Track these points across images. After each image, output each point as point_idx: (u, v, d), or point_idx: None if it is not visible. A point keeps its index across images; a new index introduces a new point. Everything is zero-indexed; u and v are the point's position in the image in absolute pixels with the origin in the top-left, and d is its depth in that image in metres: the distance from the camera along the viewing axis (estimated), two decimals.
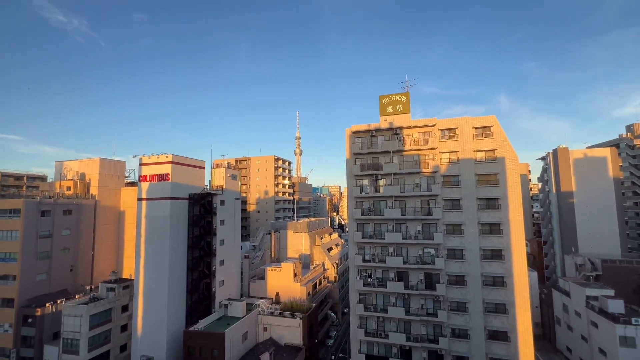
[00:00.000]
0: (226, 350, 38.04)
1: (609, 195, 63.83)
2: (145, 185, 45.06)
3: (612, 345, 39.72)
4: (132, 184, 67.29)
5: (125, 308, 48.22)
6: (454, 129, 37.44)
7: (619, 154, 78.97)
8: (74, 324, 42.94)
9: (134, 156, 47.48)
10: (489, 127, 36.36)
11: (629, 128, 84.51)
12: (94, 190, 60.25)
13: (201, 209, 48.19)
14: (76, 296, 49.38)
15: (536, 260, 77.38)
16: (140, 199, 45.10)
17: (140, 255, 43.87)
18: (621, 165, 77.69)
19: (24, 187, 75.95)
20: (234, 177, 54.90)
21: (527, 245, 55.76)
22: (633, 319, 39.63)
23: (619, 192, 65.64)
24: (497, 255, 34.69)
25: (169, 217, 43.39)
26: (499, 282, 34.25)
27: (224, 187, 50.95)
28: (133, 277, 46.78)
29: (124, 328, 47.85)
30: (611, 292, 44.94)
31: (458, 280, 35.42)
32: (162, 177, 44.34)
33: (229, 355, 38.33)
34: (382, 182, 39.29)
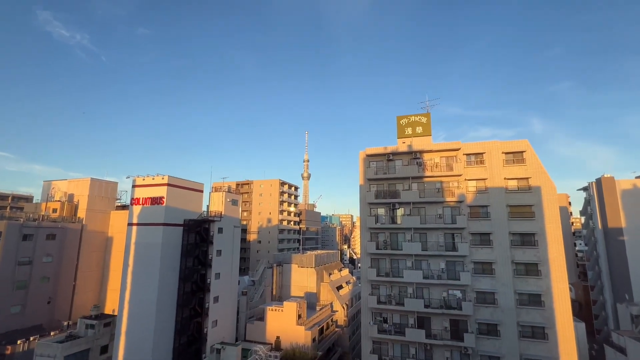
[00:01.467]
0: None
1: None
2: (137, 209, 45.68)
3: None
4: (124, 207, 68.44)
5: (104, 349, 47.20)
6: (481, 153, 37.35)
7: None
8: None
9: (128, 177, 48.77)
10: (521, 152, 36.16)
11: None
12: (81, 213, 61.42)
13: (196, 237, 48.18)
14: (52, 333, 48.80)
15: (583, 309, 73.33)
16: (130, 224, 45.56)
17: (127, 287, 43.55)
18: None
19: (8, 208, 78.03)
20: (235, 202, 55.28)
21: (570, 289, 53.17)
22: None
23: None
24: (535, 300, 33.11)
25: (161, 245, 43.42)
26: (539, 333, 32.38)
27: (222, 213, 51.20)
28: (116, 313, 46.17)
29: None
30: None
31: (490, 330, 33.66)
32: (156, 201, 44.97)
33: None
34: (400, 211, 38.86)
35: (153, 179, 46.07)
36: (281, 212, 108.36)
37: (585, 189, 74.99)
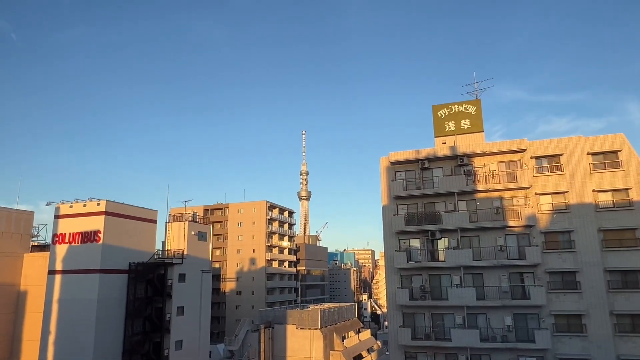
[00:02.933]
0: None
1: None
2: (61, 250, 45.71)
3: None
4: (42, 247, 68.43)
5: None
6: (558, 155, 37.36)
7: None
8: None
9: (48, 204, 48.98)
10: (616, 152, 36.11)
11: None
12: None
13: (148, 287, 48.00)
14: None
15: None
16: (52, 272, 45.49)
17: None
18: None
19: None
20: (203, 236, 55.30)
21: None
22: None
23: None
24: None
25: (97, 302, 43.14)
26: None
27: (185, 252, 51.15)
28: None
29: None
30: None
31: None
32: (88, 237, 45.01)
33: None
34: (442, 243, 38.63)
35: (84, 205, 46.27)
36: (270, 248, 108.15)
37: None
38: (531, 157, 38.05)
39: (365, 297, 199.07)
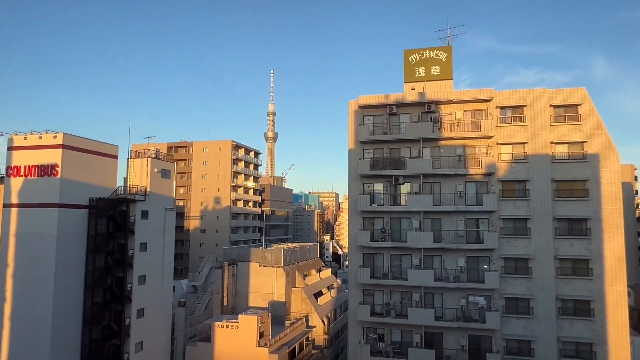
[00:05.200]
0: None
1: None
2: (16, 183, 44.02)
3: None
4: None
5: None
6: (522, 106, 38.05)
7: None
8: None
9: (0, 134, 46.43)
10: (576, 105, 37.09)
11: None
12: None
13: (110, 223, 47.36)
14: None
15: None
16: (7, 205, 44.01)
17: (5, 298, 42.78)
18: None
19: None
20: (166, 173, 54.34)
21: (629, 294, 57.00)
22: None
23: None
24: (582, 309, 35.29)
25: (56, 237, 42.39)
26: (585, 352, 34.88)
27: (148, 189, 50.33)
28: None
29: None
30: None
31: (521, 349, 35.88)
32: (45, 170, 43.40)
33: None
34: (405, 188, 39.52)
35: (40, 137, 44.19)
36: (235, 188, 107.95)
37: None
38: (496, 107, 38.61)
39: (327, 238, 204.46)
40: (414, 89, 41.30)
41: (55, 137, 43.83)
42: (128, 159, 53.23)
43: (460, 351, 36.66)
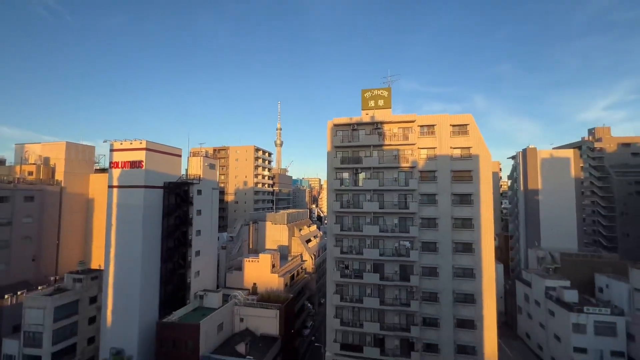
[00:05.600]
0: (201, 341, 37.58)
1: (570, 194, 68.35)
2: (116, 172, 42.93)
3: (566, 331, 43.04)
4: (102, 170, 63.93)
5: (93, 299, 46.21)
6: (433, 125, 38.39)
7: (581, 156, 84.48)
8: (37, 317, 40.67)
9: (105, 141, 45.06)
10: (466, 125, 37.59)
11: (591, 132, 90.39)
12: (59, 176, 56.74)
13: (177, 198, 46.68)
14: (39, 287, 46.67)
15: (503, 254, 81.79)
16: (111, 187, 42.96)
17: (111, 245, 42.02)
18: (582, 166, 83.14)
19: None
20: (212, 166, 53.53)
21: (495, 239, 58.76)
22: (585, 308, 43.05)
23: (578, 191, 70.41)
24: (467, 248, 36.33)
25: (142, 207, 41.68)
26: (469, 273, 35.98)
27: (201, 176, 49.58)
28: (102, 268, 44.79)
29: (92, 320, 45.94)
30: (567, 283, 48.50)
31: (431, 272, 36.83)
32: (135, 164, 42.36)
33: (203, 346, 37.91)
34: (362, 175, 39.75)
35: (131, 143, 43.00)
36: (256, 175, 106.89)
37: (513, 157, 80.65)
38: (418, 125, 38.88)
39: (314, 206, 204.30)
40: (368, 114, 41.26)
41: (141, 143, 42.70)
42: (188, 157, 52.35)
43: (394, 274, 37.51)
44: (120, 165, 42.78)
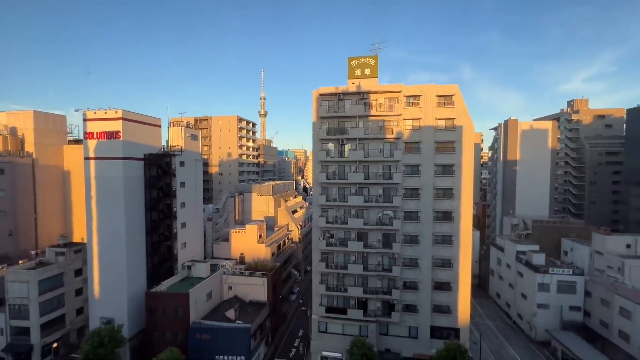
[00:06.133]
0: (190, 309, 38.69)
1: (545, 165, 71.30)
2: (92, 144, 40.95)
3: (532, 290, 46.94)
4: (77, 141, 60.91)
5: (79, 272, 46.07)
6: (419, 96, 38.11)
7: (559, 127, 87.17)
8: (20, 290, 40.41)
9: (76, 110, 42.39)
10: (451, 95, 37.52)
11: (570, 103, 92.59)
12: (29, 148, 53.75)
13: (158, 170, 45.49)
14: (20, 262, 45.85)
15: (480, 221, 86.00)
16: (87, 158, 41.15)
17: (92, 218, 41.12)
18: (559, 138, 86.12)
19: None
20: (194, 137, 51.89)
21: (473, 208, 61.39)
22: (550, 269, 46.71)
23: (554, 161, 73.47)
24: (447, 217, 37.84)
25: (122, 179, 40.42)
26: (447, 240, 37.84)
27: (183, 147, 48.16)
28: (85, 241, 44.17)
29: (79, 292, 46.15)
30: (536, 248, 52.09)
31: (412, 239, 38.47)
32: (111, 135, 40.42)
33: (193, 313, 39.11)
34: (347, 146, 39.66)
35: (106, 113, 40.67)
36: (240, 146, 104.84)
37: (495, 128, 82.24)
38: (404, 96, 38.46)
39: (299, 177, 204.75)
40: (354, 83, 40.29)
41: (116, 112, 40.47)
42: (168, 127, 50.37)
43: (378, 242, 38.94)
44: (95, 136, 40.73)
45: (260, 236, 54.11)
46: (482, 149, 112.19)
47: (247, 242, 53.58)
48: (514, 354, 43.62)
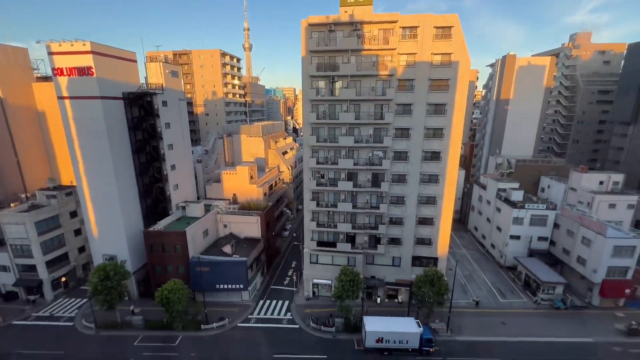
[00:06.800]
0: (188, 245, 40.91)
1: (537, 103, 70.88)
2: (63, 81, 37.89)
3: (507, 223, 50.86)
4: (46, 78, 56.22)
5: (74, 214, 46.90)
6: (416, 27, 35.40)
7: (556, 64, 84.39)
8: (18, 232, 41.45)
9: (38, 42, 38.11)
10: (450, 27, 34.99)
11: (572, 37, 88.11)
12: None
13: (141, 110, 43.35)
14: (11, 205, 46.03)
15: (467, 161, 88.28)
16: (61, 98, 38.50)
17: (78, 161, 40.28)
18: (555, 75, 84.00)
19: None
20: (175, 74, 48.40)
21: (461, 148, 62.36)
22: (526, 205, 50.00)
23: (546, 101, 72.95)
24: (435, 156, 38.53)
25: (104, 119, 38.57)
26: (434, 179, 39.22)
27: (163, 85, 45.21)
28: (74, 184, 44.00)
29: (78, 232, 47.66)
30: (517, 185, 54.88)
31: (400, 179, 39.71)
32: (83, 71, 37.24)
33: (192, 249, 41.50)
34: (338, 84, 37.97)
35: (72, 45, 36.79)
36: (225, 84, 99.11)
37: (492, 65, 79.08)
38: (400, 27, 35.69)
39: (289, 118, 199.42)
40: (347, 11, 36.73)
41: (84, 44, 36.65)
42: (145, 62, 46.47)
43: (367, 182, 40.10)
44: (65, 72, 37.50)
45: (251, 177, 54.79)
46: (477, 87, 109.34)
47: (238, 183, 54.41)
48: (484, 277, 49.21)
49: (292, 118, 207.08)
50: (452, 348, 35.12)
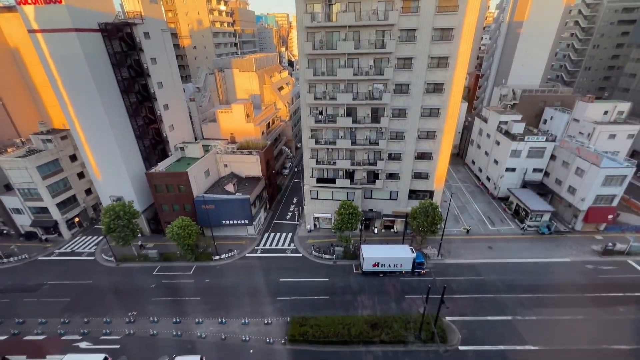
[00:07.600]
0: (192, 185, 41.99)
1: (553, 26, 64.96)
2: (29, 11, 34.04)
3: (505, 156, 51.33)
4: (9, 9, 50.45)
5: (74, 158, 47.06)
6: None
7: None
8: (22, 176, 42.11)
9: None
10: None
11: None
12: None
13: (122, 44, 39.92)
14: (8, 150, 45.85)
15: (470, 92, 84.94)
16: (31, 31, 35.09)
17: (66, 103, 38.65)
18: None
19: None
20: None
21: (466, 78, 59.32)
22: (526, 137, 49.77)
23: (563, 22, 66.88)
24: (438, 88, 36.80)
25: (84, 56, 35.78)
26: (435, 113, 38.14)
27: (142, 13, 40.83)
28: (67, 127, 43.03)
29: (81, 175, 48.47)
30: (519, 117, 53.81)
31: (400, 113, 38.66)
32: None
33: (195, 188, 42.71)
34: (335, 7, 34.26)
35: None
36: (211, 11, 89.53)
37: None
38: None
39: (283, 49, 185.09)
40: None
41: None
42: None
43: (366, 117, 39.14)
44: (30, 0, 33.46)
45: (247, 115, 53.35)
46: (489, 7, 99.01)
47: (235, 122, 53.25)
48: (476, 207, 51.73)
49: (286, 49, 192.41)
50: (442, 269, 38.86)
